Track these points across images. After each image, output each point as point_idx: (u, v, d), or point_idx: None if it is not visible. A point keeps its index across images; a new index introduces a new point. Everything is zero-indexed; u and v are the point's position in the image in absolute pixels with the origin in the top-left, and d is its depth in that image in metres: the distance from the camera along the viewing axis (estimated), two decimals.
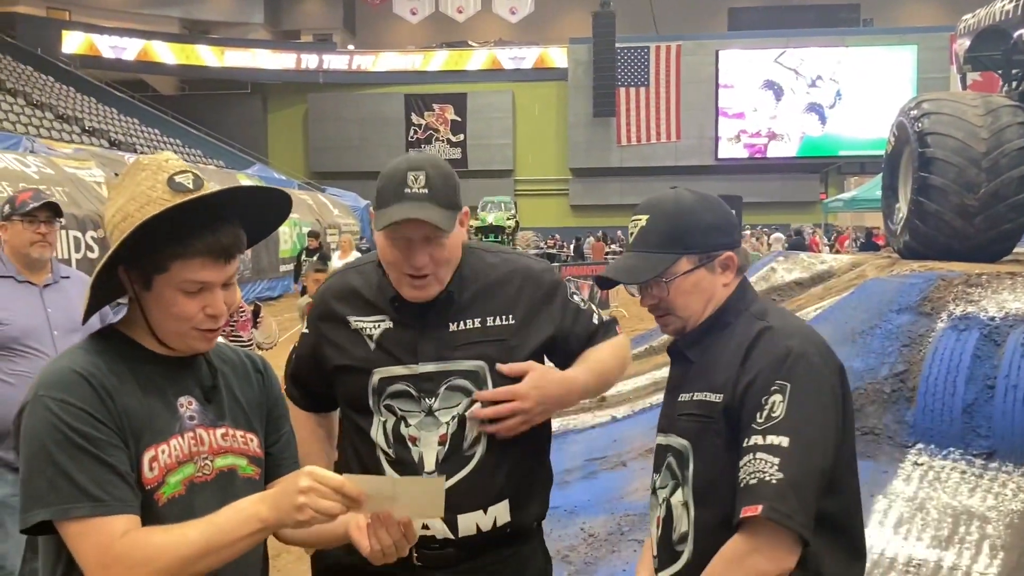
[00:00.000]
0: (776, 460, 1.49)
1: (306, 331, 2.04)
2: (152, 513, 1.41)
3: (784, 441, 1.50)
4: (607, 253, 25.81)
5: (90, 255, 11.02)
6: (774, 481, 1.47)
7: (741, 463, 1.53)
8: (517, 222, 29.21)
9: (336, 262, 12.21)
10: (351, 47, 39.78)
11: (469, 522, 1.87)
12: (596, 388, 2.03)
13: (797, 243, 22.28)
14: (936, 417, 3.89)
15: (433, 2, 37.18)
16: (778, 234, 29.05)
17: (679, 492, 1.68)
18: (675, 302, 1.70)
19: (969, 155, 6.51)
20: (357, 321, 1.95)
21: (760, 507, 1.46)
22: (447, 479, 1.83)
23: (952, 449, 3.81)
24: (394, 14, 37.87)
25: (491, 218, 28.57)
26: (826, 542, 1.54)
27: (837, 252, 20.04)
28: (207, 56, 36.79)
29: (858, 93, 35.09)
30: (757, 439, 1.52)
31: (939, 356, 4.07)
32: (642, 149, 36.53)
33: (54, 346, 3.24)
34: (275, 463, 1.63)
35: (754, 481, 1.49)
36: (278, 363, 1.96)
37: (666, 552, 1.71)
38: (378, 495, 1.44)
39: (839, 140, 35.71)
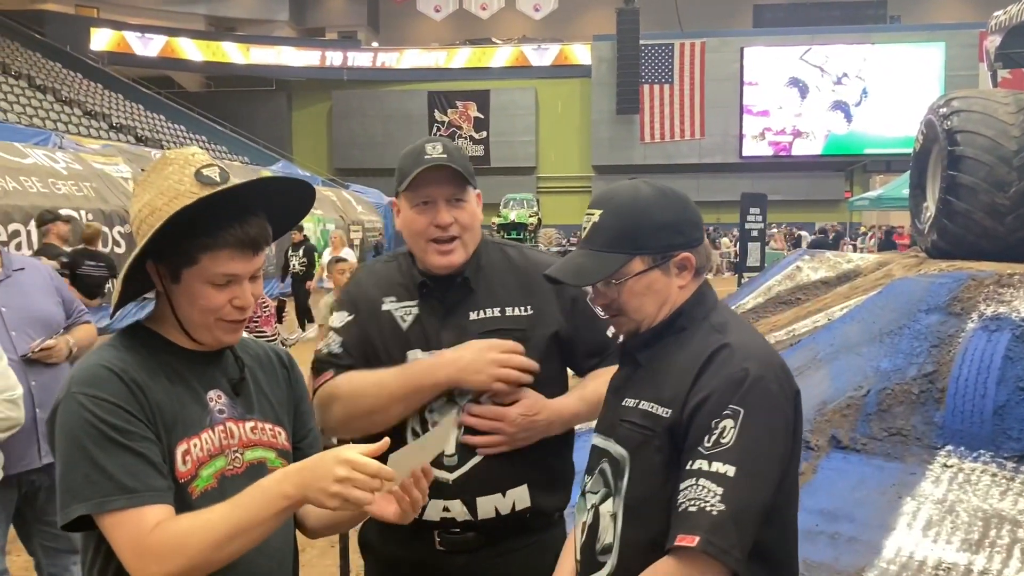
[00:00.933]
0: (720, 490, 1.40)
1: (348, 315, 2.06)
2: (186, 506, 1.42)
3: (730, 470, 1.41)
4: None
5: (117, 250, 11.12)
6: (715, 513, 1.39)
7: (682, 486, 1.45)
8: (539, 219, 29.21)
9: (326, 257, 12.21)
10: (375, 44, 39.90)
11: (488, 505, 1.93)
12: (588, 416, 2.01)
13: (820, 241, 22.12)
14: (966, 419, 3.84)
15: None
16: (804, 232, 28.91)
17: (609, 502, 1.60)
18: (627, 304, 1.60)
19: (1000, 153, 6.44)
20: (390, 303, 2.02)
21: (697, 538, 1.38)
22: (464, 463, 1.92)
23: (982, 451, 3.76)
24: (418, 11, 37.94)
25: (513, 215, 28.59)
26: (760, 573, 1.47)
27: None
28: (233, 53, 37.03)
29: (884, 91, 34.75)
30: (702, 464, 1.43)
31: (969, 357, 4.02)
32: (666, 146, 36.39)
33: (13, 347, 3.06)
34: (302, 458, 1.61)
35: (693, 508, 1.41)
36: (303, 358, 1.98)
37: (588, 560, 1.63)
38: (404, 464, 1.47)
39: (865, 138, 35.39)
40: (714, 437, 1.44)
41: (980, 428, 3.81)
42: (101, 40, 34.55)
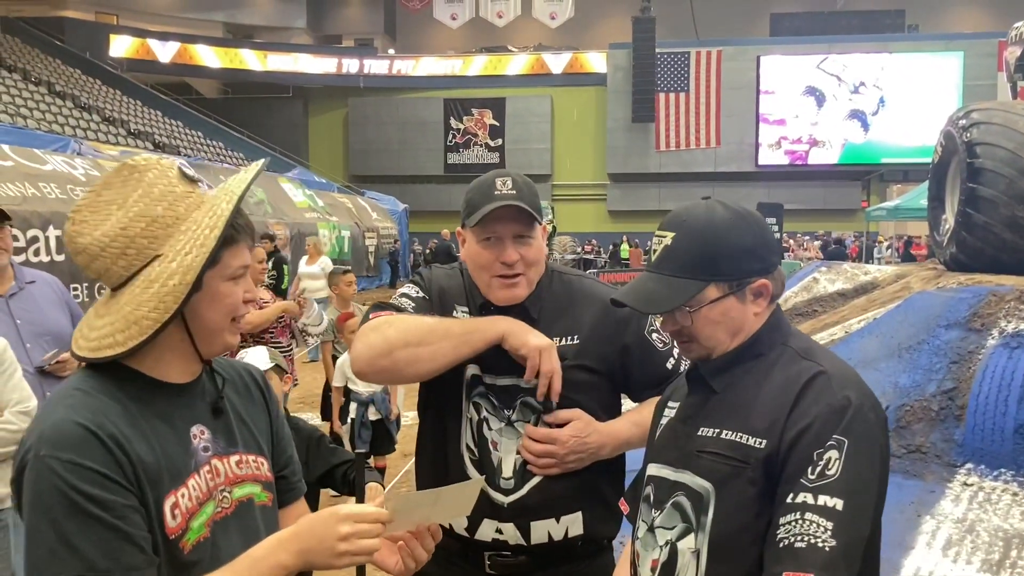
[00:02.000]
0: (830, 525, 1.34)
1: (423, 295, 2.07)
2: (179, 563, 1.33)
3: (839, 504, 1.35)
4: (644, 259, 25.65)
5: None
6: (827, 549, 1.33)
7: (783, 519, 1.38)
8: (554, 227, 29.19)
9: (302, 267, 11.80)
10: (391, 52, 40.04)
11: (541, 530, 1.93)
12: (640, 443, 1.99)
13: (837, 252, 21.99)
14: (987, 437, 3.79)
15: (473, 7, 37.29)
16: (815, 242, 28.76)
17: (689, 537, 1.50)
18: (700, 332, 1.53)
19: (1020, 165, 6.39)
20: (461, 312, 2.04)
21: None
22: (521, 487, 1.93)
23: (1003, 470, 3.72)
24: (434, 19, 38.05)
25: None
26: None
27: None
28: (250, 60, 37.25)
29: (902, 100, 34.58)
30: (807, 497, 1.37)
31: (990, 374, 3.98)
32: (681, 155, 36.32)
33: (28, 359, 3.09)
34: (288, 487, 1.60)
35: (802, 544, 1.34)
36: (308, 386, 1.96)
37: None
38: (414, 509, 1.45)
39: (882, 147, 35.21)
40: (819, 469, 1.38)
41: (1001, 446, 3.77)
42: (120, 47, 34.82)
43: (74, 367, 3.19)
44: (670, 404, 1.69)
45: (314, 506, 3.56)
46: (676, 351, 2.04)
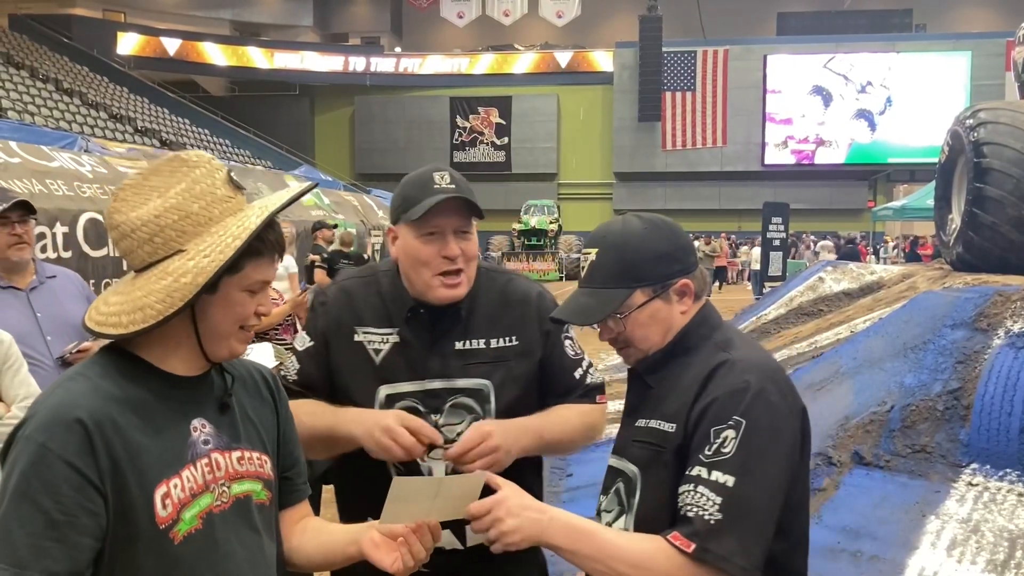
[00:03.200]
0: (718, 499, 1.43)
1: (311, 342, 2.01)
2: (168, 553, 1.33)
3: (730, 480, 1.44)
4: None
5: None
6: (712, 522, 1.42)
7: (681, 489, 1.48)
8: (560, 226, 29.22)
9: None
10: (398, 50, 40.07)
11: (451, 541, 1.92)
12: (550, 443, 1.98)
13: (851, 252, 21.87)
14: (992, 437, 3.78)
15: (480, 6, 37.30)
16: (825, 242, 28.72)
17: (622, 519, 1.64)
18: (633, 335, 1.64)
19: None
20: (364, 334, 1.98)
21: (693, 546, 1.41)
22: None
23: (1008, 470, 3.71)
24: (441, 17, 38.08)
25: (534, 221, 28.62)
26: None
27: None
28: (257, 58, 37.30)
29: (909, 100, 34.50)
30: (701, 471, 1.46)
31: (995, 374, 3.97)
32: (687, 154, 36.28)
33: (48, 351, 3.15)
34: (291, 488, 1.60)
35: (691, 514, 1.44)
36: None
37: None
38: (412, 498, 1.45)
39: (889, 147, 35.13)
40: (715, 446, 1.47)
41: (1006, 446, 3.76)
42: (127, 44, 34.90)
43: None
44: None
45: (316, 502, 3.57)
46: (585, 363, 2.06)
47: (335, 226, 11.44)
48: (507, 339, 1.98)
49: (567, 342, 2.04)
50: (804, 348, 6.79)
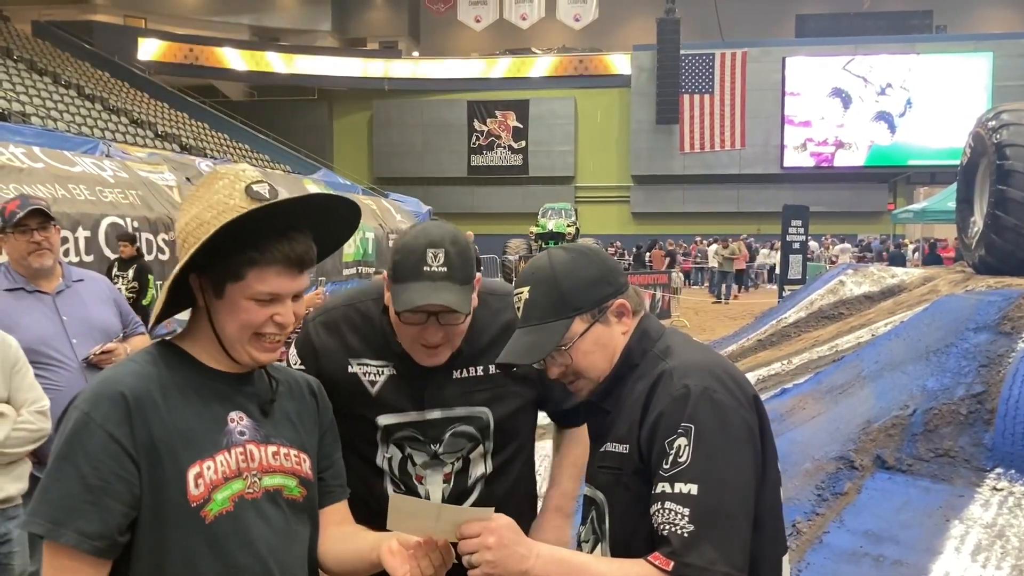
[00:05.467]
0: (686, 511, 1.42)
1: (302, 367, 1.98)
2: (201, 531, 1.40)
3: (693, 489, 1.43)
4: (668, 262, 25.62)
5: (161, 257, 11.29)
6: (685, 535, 1.41)
7: (651, 510, 1.47)
8: (577, 229, 29.16)
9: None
10: (416, 54, 40.19)
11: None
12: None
13: (896, 257, 21.58)
14: (1017, 441, 3.75)
15: (497, 9, 37.34)
16: (844, 245, 28.54)
17: (599, 547, 1.63)
18: (581, 364, 1.63)
19: None
20: (358, 365, 1.95)
21: (672, 563, 1.41)
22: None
23: None
24: (458, 21, 38.15)
25: (551, 225, 28.59)
26: None
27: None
28: (276, 63, 37.51)
29: (930, 101, 34.22)
30: (665, 487, 1.46)
31: (1020, 377, 3.93)
32: (706, 157, 36.16)
33: (74, 353, 3.22)
34: (326, 490, 1.63)
35: (666, 532, 1.44)
36: None
37: None
38: (412, 515, 1.46)
39: (909, 149, 34.87)
40: (671, 458, 1.47)
41: None
42: (148, 50, 35.19)
43: (120, 358, 3.26)
44: None
45: None
46: None
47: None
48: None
49: None
50: (825, 351, 6.75)
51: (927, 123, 34.12)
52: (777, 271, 21.08)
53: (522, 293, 1.66)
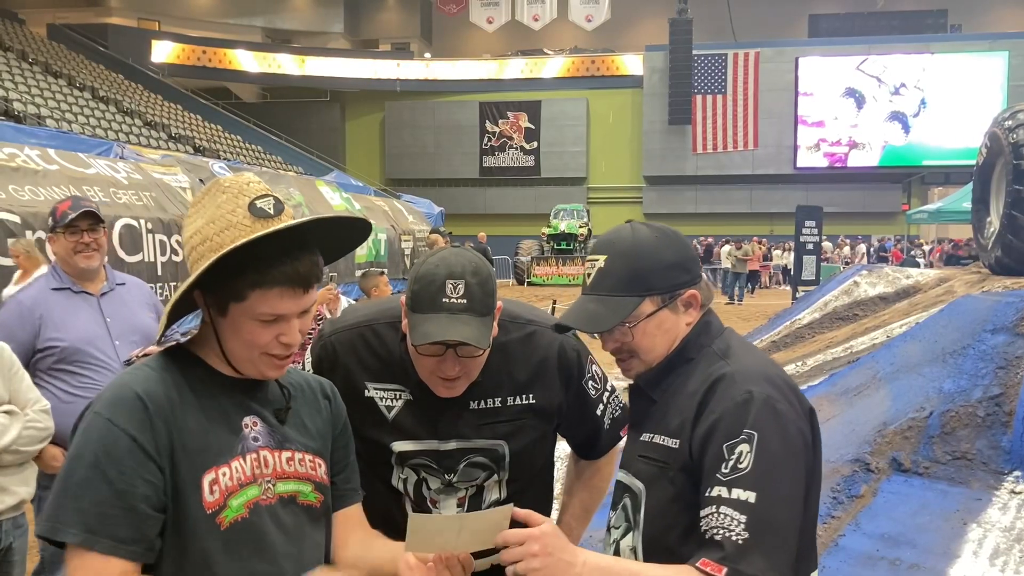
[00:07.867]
0: (743, 518, 1.41)
1: None
2: (216, 537, 1.39)
3: (751, 496, 1.41)
4: None
5: (175, 258, 11.34)
6: (740, 541, 1.39)
7: (703, 512, 1.45)
8: (590, 230, 29.14)
9: (10, 288, 6.87)
10: (428, 55, 40.25)
11: (485, 563, 1.84)
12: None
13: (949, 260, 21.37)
14: None
15: (509, 10, 37.36)
16: (862, 246, 28.39)
17: (629, 536, 1.62)
18: (640, 345, 1.61)
19: None
20: (375, 389, 1.91)
21: (724, 569, 1.39)
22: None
23: None
24: (470, 23, 38.20)
25: (563, 226, 28.59)
26: None
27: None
28: (288, 64, 37.64)
29: (944, 101, 34.01)
30: (721, 491, 1.44)
31: None
32: (718, 157, 36.06)
33: (116, 354, 3.28)
34: (338, 493, 1.62)
35: (718, 537, 1.41)
36: None
37: None
38: (434, 534, 1.45)
39: (923, 150, 34.67)
40: (731, 463, 1.45)
41: None
42: (161, 52, 35.37)
43: None
44: None
45: None
46: (608, 396, 2.04)
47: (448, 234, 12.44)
48: (524, 397, 1.92)
49: (590, 384, 1.99)
50: (839, 353, 6.71)
51: (941, 123, 33.92)
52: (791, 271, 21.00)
53: (598, 261, 1.63)
